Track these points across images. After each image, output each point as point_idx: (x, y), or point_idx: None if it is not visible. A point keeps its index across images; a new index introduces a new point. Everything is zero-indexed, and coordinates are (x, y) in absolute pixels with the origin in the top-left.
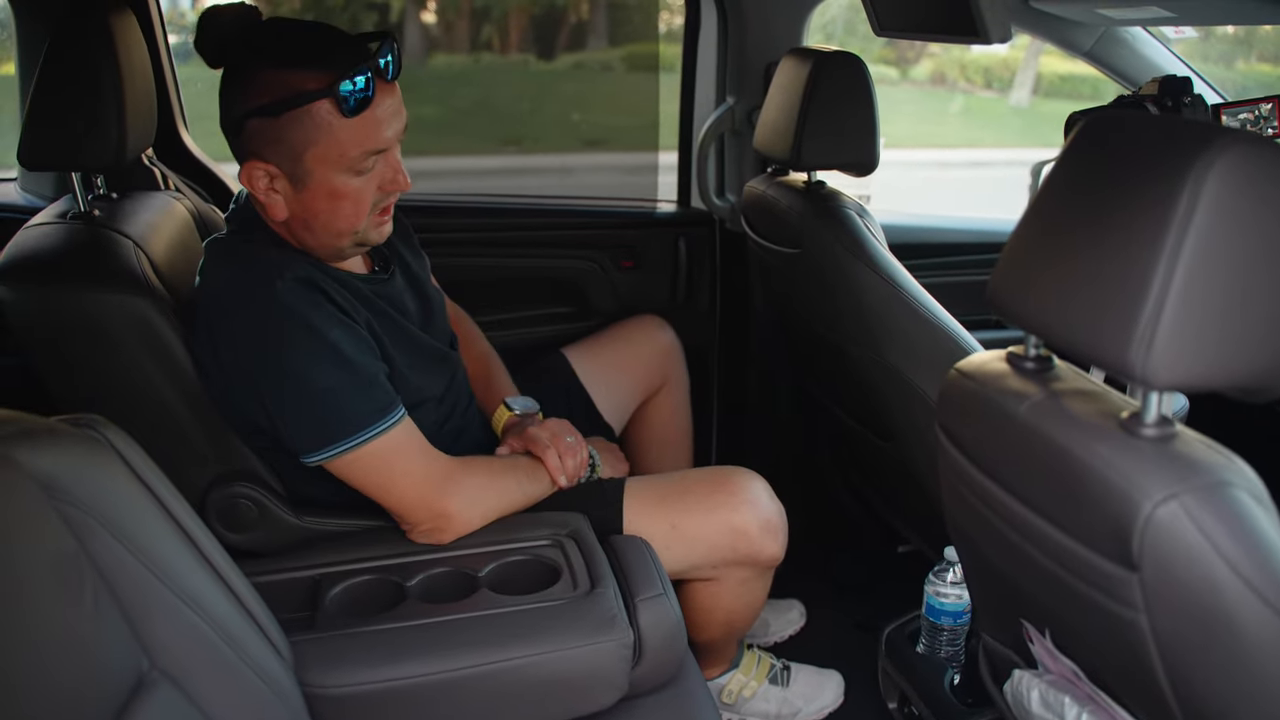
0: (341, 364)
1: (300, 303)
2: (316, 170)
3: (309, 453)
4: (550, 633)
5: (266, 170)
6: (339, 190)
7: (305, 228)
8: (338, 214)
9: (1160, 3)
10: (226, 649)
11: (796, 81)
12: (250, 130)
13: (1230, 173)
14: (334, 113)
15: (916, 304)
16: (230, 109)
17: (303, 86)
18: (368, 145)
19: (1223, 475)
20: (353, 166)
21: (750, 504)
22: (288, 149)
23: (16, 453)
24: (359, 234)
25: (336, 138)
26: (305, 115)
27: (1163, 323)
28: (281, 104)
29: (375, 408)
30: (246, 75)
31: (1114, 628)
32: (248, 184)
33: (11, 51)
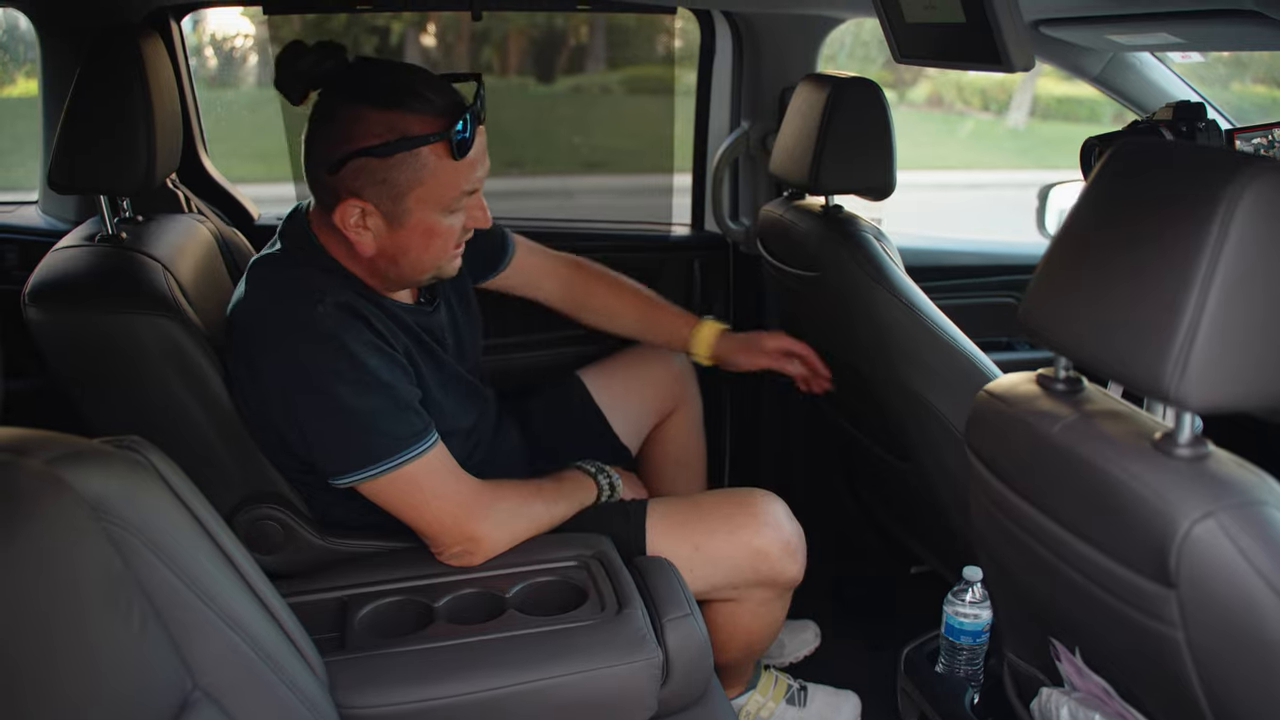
0: (378, 388)
1: (340, 327)
2: (416, 210)
3: (340, 474)
4: (581, 653)
5: (362, 208)
6: (434, 229)
7: (391, 263)
8: (428, 251)
9: (1170, 29)
10: (266, 669)
11: (814, 107)
12: (353, 169)
13: (1261, 200)
14: (442, 156)
15: (934, 327)
16: (331, 148)
17: (412, 130)
18: (465, 186)
19: (1257, 493)
20: (450, 206)
21: (772, 526)
22: (391, 189)
23: (66, 474)
24: (440, 269)
25: (440, 179)
26: (413, 157)
27: (1197, 346)
28: (390, 146)
29: (410, 431)
30: (351, 116)
31: (1150, 645)
32: (341, 221)
33: (11, 74)
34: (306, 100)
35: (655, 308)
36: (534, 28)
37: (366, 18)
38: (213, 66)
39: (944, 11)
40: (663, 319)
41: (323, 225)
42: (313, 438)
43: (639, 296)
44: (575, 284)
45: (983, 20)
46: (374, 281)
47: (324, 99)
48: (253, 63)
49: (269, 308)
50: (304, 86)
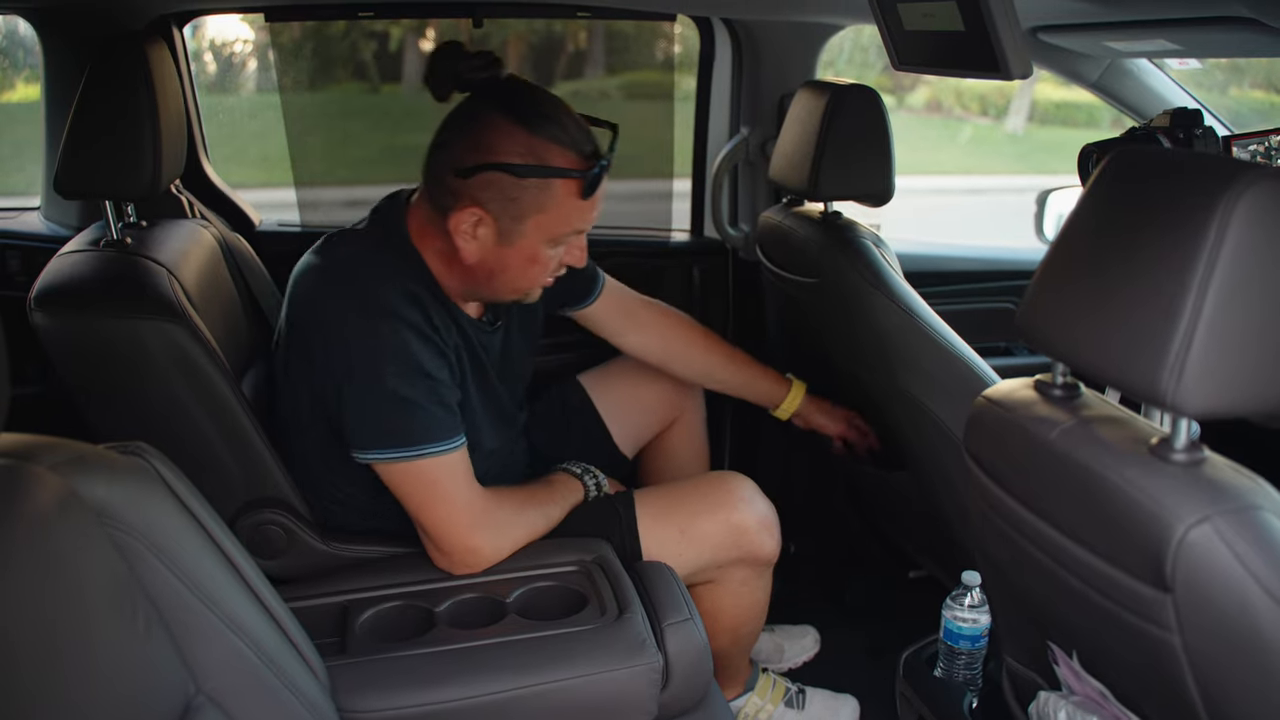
0: (422, 378)
1: (401, 312)
2: (529, 234)
3: (363, 450)
4: (582, 657)
5: (480, 218)
6: (537, 256)
7: (487, 275)
8: (525, 274)
9: (1167, 36)
10: (269, 673)
11: (813, 114)
12: (484, 179)
13: (1256, 207)
14: (571, 192)
15: (933, 332)
16: (468, 154)
17: (553, 160)
18: (578, 224)
19: (1252, 499)
20: (559, 239)
21: (746, 502)
22: (515, 208)
23: (72, 479)
24: (527, 294)
25: (561, 212)
26: (546, 185)
27: (1193, 352)
28: (530, 169)
29: (440, 428)
30: (496, 128)
31: (1146, 648)
32: (455, 225)
33: (10, 79)
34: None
35: (751, 368)
36: (532, 34)
37: (365, 23)
38: (212, 72)
39: (942, 20)
40: (759, 381)
41: (422, 220)
42: (347, 408)
43: (735, 356)
44: (675, 341)
45: (981, 28)
46: (452, 285)
47: (473, 105)
48: (251, 68)
49: (339, 276)
50: (454, 87)
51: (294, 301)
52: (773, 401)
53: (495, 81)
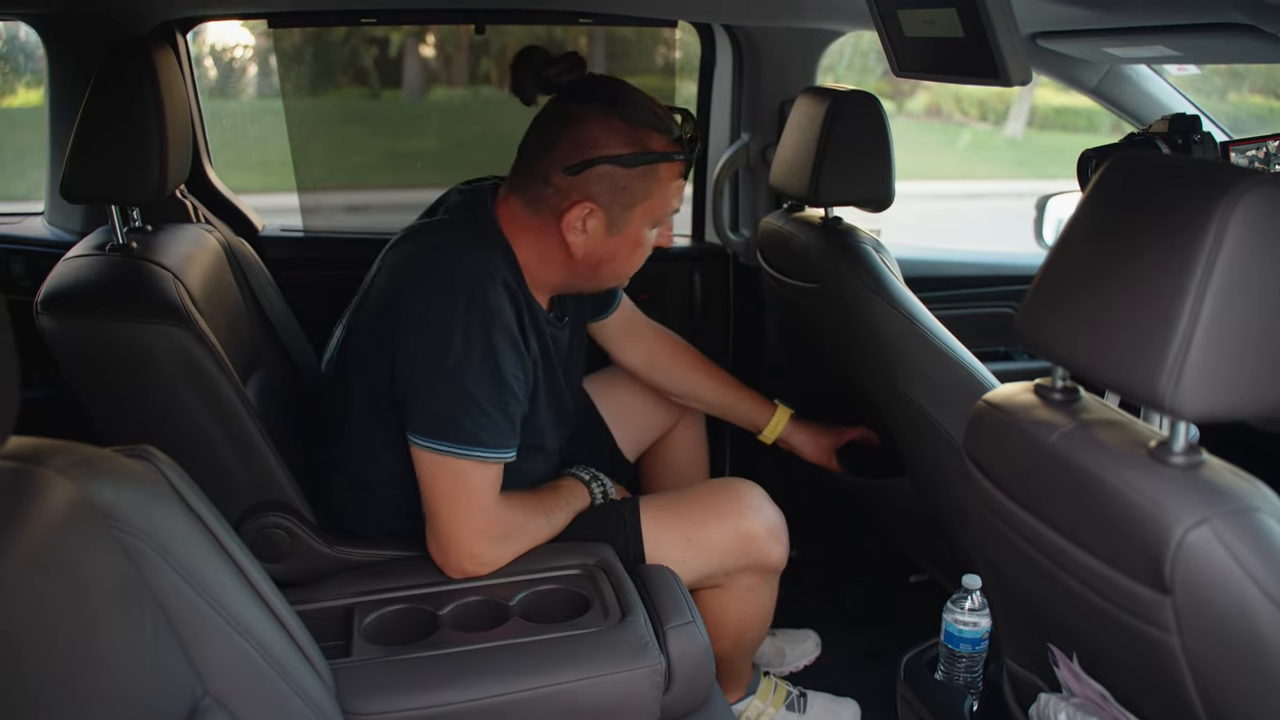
0: (499, 385)
1: (500, 309)
2: (636, 219)
3: (417, 432)
4: (584, 660)
5: (592, 210)
6: (641, 240)
7: (593, 265)
8: (631, 259)
9: (1165, 42)
10: (274, 675)
11: (814, 120)
12: (594, 174)
13: (1253, 212)
14: (672, 174)
15: (933, 337)
16: (571, 150)
17: (654, 146)
18: (674, 205)
19: (1250, 501)
20: (658, 221)
21: (755, 509)
22: (626, 196)
23: (80, 482)
24: (621, 278)
25: (664, 196)
26: (651, 171)
27: (1191, 356)
28: (637, 157)
29: (493, 436)
30: (597, 123)
31: (1146, 650)
32: (569, 222)
33: (11, 84)
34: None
35: (733, 392)
36: (533, 38)
37: (365, 29)
38: (213, 78)
39: (942, 26)
40: (742, 404)
41: (514, 217)
42: (417, 390)
43: (721, 379)
44: (662, 356)
45: (981, 35)
46: (541, 280)
47: (565, 106)
48: (252, 73)
49: (447, 266)
50: (540, 90)
51: (392, 285)
52: (755, 425)
53: (585, 82)
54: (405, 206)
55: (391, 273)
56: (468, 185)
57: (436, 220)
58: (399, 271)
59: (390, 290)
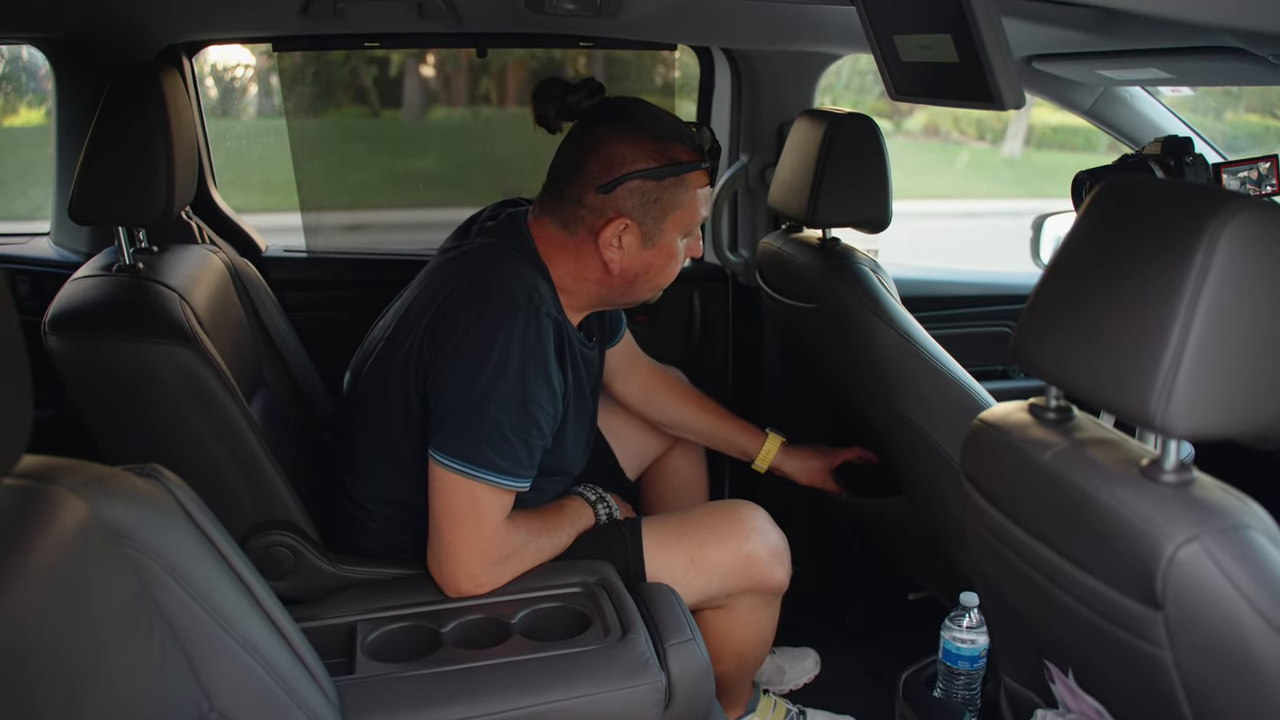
0: (522, 412)
1: (537, 337)
2: (669, 230)
3: (437, 447)
4: (586, 677)
5: (627, 226)
6: (674, 250)
7: (629, 280)
8: (665, 270)
9: (1159, 65)
10: (280, 692)
11: (811, 142)
12: (627, 189)
13: (1241, 235)
14: (699, 182)
15: (930, 357)
16: (602, 169)
17: (680, 157)
18: (703, 214)
19: (1240, 518)
20: (689, 231)
21: (758, 531)
22: (658, 208)
23: (89, 500)
24: (657, 291)
25: (693, 204)
26: (680, 182)
27: (1181, 375)
28: (666, 169)
29: (509, 464)
30: (624, 141)
31: (1139, 665)
32: (605, 240)
33: (14, 104)
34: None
35: (724, 422)
36: (532, 59)
37: (366, 50)
38: (214, 98)
39: (937, 51)
40: (732, 433)
41: (553, 238)
42: (444, 403)
43: (709, 411)
44: (655, 389)
45: (975, 60)
46: (576, 300)
47: (590, 129)
48: (253, 94)
49: (497, 288)
50: (564, 117)
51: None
52: (747, 454)
53: (607, 104)
54: (405, 226)
55: (435, 293)
56: (499, 208)
57: (480, 243)
58: (444, 291)
59: (434, 309)
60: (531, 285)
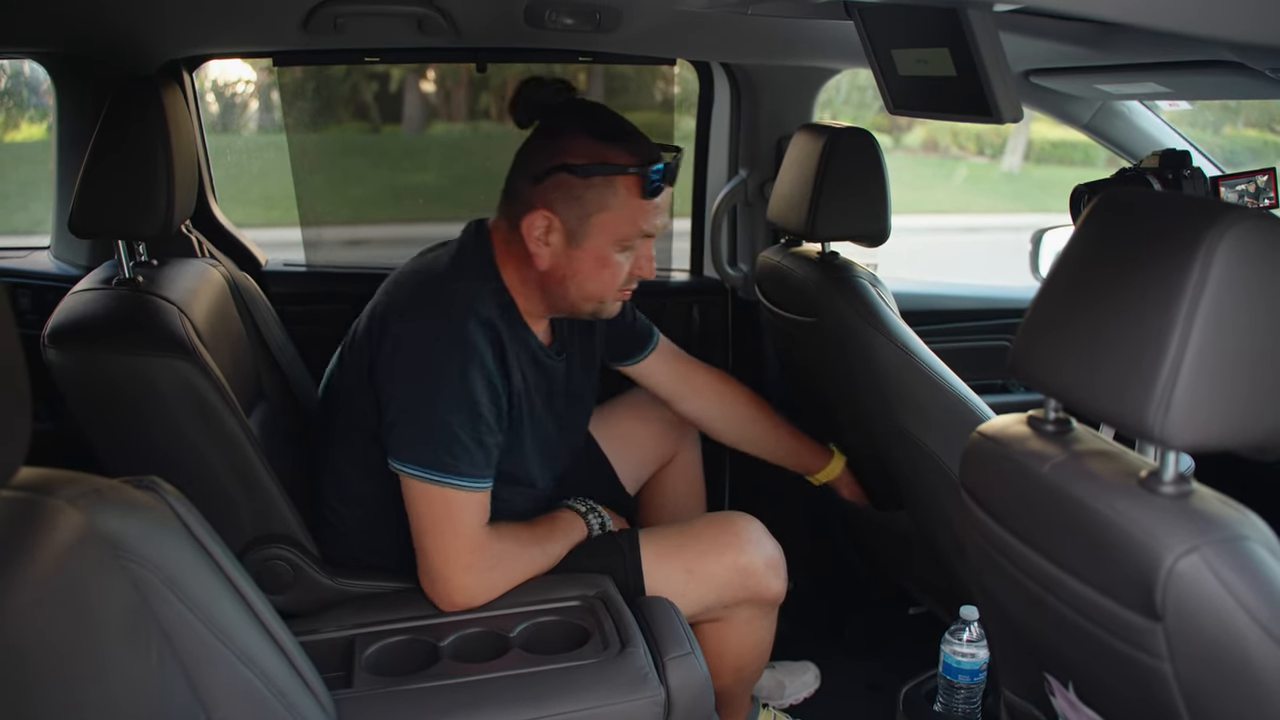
0: (472, 414)
1: (477, 346)
2: (595, 234)
3: (397, 459)
4: (585, 691)
5: (550, 221)
6: (605, 259)
7: (559, 282)
8: (596, 278)
9: (1156, 79)
10: (278, 705)
11: (810, 156)
12: (553, 182)
13: (1238, 246)
14: (633, 190)
15: (930, 370)
16: (538, 161)
17: (614, 159)
18: (642, 227)
19: (1239, 529)
20: (624, 241)
21: (755, 543)
22: (580, 207)
23: (88, 512)
24: (601, 305)
25: (625, 211)
26: (608, 183)
27: (1179, 386)
28: (592, 168)
29: (472, 465)
30: (566, 136)
31: (1139, 677)
32: (526, 230)
33: (15, 119)
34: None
35: (795, 440)
36: (532, 74)
37: (367, 65)
38: (215, 113)
39: (935, 66)
40: (802, 452)
41: (504, 240)
42: (397, 416)
43: (780, 427)
44: (725, 408)
45: (973, 74)
46: (530, 304)
47: (548, 123)
48: (253, 109)
49: (430, 296)
50: (534, 114)
51: (383, 315)
52: (811, 471)
53: (569, 102)
54: (405, 241)
55: (381, 304)
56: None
57: (432, 256)
58: (389, 302)
59: (380, 321)
60: (469, 293)
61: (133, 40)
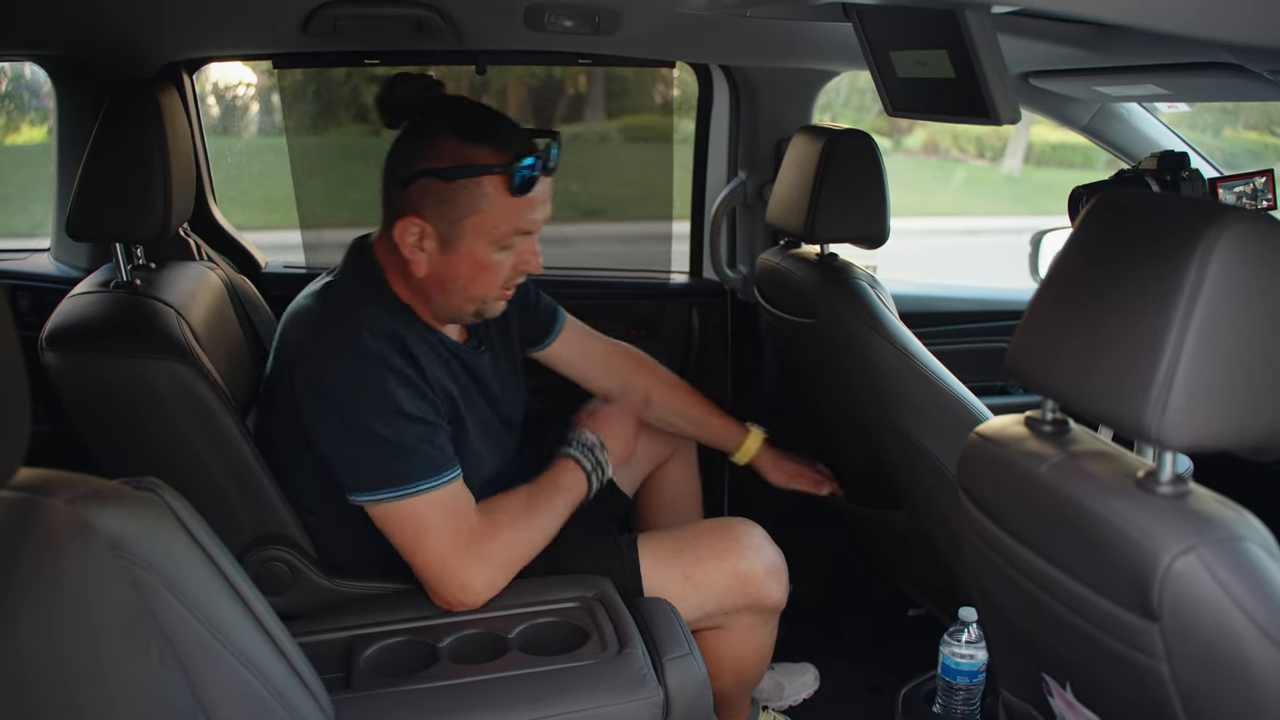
0: (405, 420)
1: (379, 356)
2: (468, 236)
3: (356, 492)
4: (583, 692)
5: (421, 228)
6: (482, 260)
7: (439, 288)
8: (474, 281)
9: (1155, 81)
10: (276, 705)
11: (809, 158)
12: (419, 188)
13: (1234, 247)
14: (500, 189)
15: (928, 371)
16: (404, 165)
17: (479, 159)
18: (519, 224)
19: (1236, 529)
20: (500, 241)
21: (755, 549)
22: (449, 211)
23: (88, 513)
24: (484, 305)
25: (495, 211)
26: (475, 185)
27: (1175, 387)
28: (456, 170)
29: (426, 466)
30: (429, 139)
31: (1136, 677)
32: (399, 236)
33: (16, 122)
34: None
35: (711, 413)
36: (533, 77)
37: (367, 68)
38: (215, 115)
39: (934, 68)
40: (716, 424)
41: (385, 250)
42: (336, 454)
43: (695, 399)
44: (629, 377)
45: (971, 76)
46: (425, 311)
47: (413, 124)
48: (254, 112)
49: (320, 321)
50: (401, 115)
51: (280, 347)
52: (728, 447)
53: (433, 101)
54: None
55: (284, 348)
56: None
57: (319, 285)
58: (288, 347)
59: (286, 365)
60: (357, 317)
61: (132, 43)
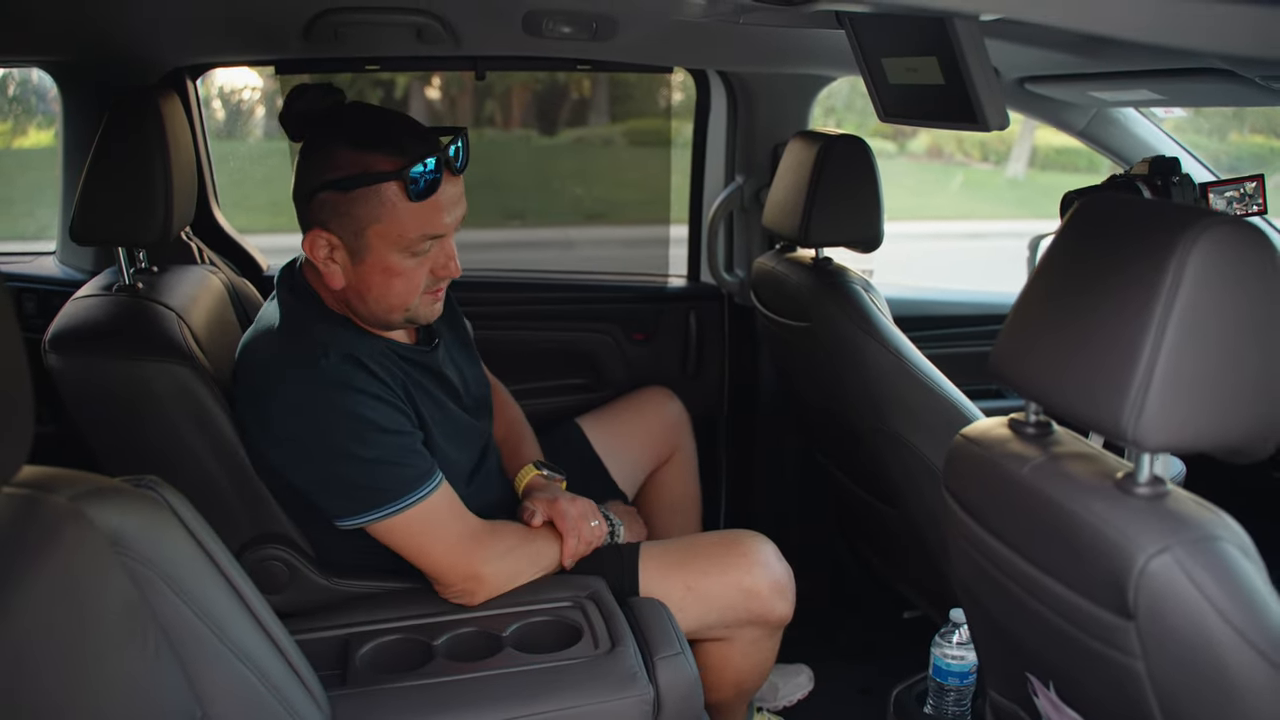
0: (380, 436)
1: (343, 378)
2: (375, 246)
3: (345, 517)
4: (574, 689)
5: (329, 240)
6: (393, 268)
7: (359, 298)
8: (390, 290)
9: (1150, 86)
10: (273, 701)
11: (805, 163)
12: (320, 201)
13: (1211, 251)
14: (400, 195)
15: (921, 374)
16: (305, 180)
17: (375, 167)
18: (426, 229)
19: (1212, 530)
20: (409, 248)
21: (761, 565)
22: (352, 223)
23: (88, 509)
24: (410, 311)
25: (399, 218)
26: (373, 193)
27: (1152, 389)
28: (353, 180)
29: (412, 476)
30: (325, 151)
31: (1114, 676)
32: (309, 251)
33: (23, 125)
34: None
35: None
36: (536, 82)
37: (372, 73)
38: (220, 119)
39: (924, 74)
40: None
41: (311, 267)
42: (317, 484)
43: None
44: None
45: (960, 82)
46: (368, 321)
47: (312, 136)
48: (259, 115)
49: (273, 359)
50: (302, 125)
51: (245, 390)
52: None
53: (330, 110)
54: None
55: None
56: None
57: (265, 313)
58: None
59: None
60: (300, 340)
61: (136, 49)
